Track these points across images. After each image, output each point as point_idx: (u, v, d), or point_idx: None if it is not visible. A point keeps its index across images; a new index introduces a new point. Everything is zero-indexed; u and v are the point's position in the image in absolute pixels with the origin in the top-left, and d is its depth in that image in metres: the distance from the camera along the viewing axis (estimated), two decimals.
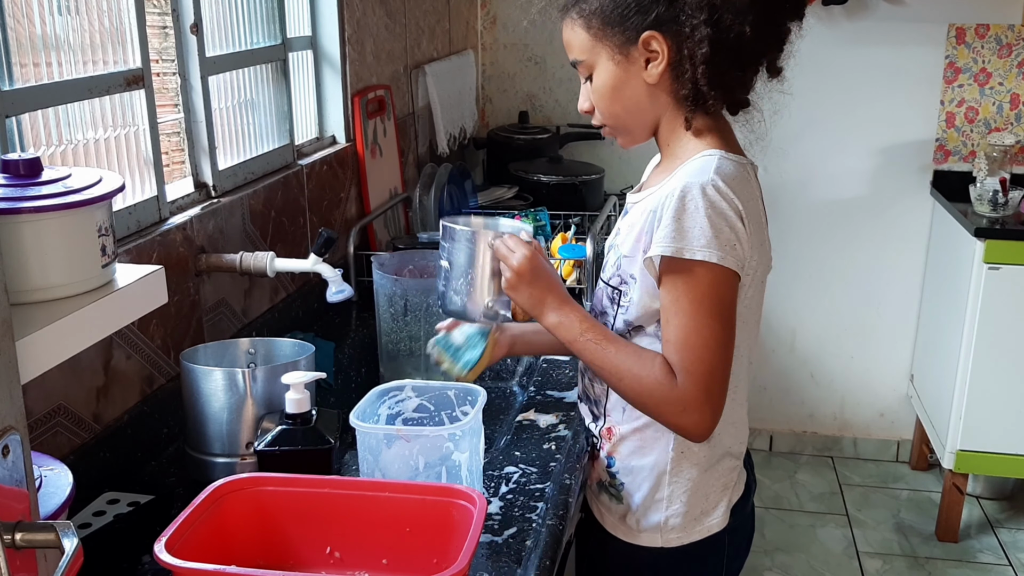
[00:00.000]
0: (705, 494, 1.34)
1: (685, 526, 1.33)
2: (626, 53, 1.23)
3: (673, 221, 1.17)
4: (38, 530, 0.71)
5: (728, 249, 1.17)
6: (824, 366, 3.50)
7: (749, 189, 1.23)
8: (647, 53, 1.22)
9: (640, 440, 1.33)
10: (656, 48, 1.22)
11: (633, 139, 1.33)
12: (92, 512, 1.26)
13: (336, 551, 1.10)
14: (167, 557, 0.94)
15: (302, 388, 1.24)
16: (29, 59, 1.27)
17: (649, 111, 1.28)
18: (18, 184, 0.92)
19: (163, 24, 1.59)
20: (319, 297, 1.75)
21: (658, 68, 1.23)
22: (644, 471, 1.33)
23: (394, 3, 2.45)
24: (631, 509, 1.35)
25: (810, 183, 3.30)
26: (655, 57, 1.22)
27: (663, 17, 1.20)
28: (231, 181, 1.73)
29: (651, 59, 1.23)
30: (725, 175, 1.20)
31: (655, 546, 1.34)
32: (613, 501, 1.37)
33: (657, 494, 1.33)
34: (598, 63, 1.26)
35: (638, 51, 1.23)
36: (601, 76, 1.26)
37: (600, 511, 1.39)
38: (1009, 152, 3.02)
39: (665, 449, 1.31)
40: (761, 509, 3.17)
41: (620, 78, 1.25)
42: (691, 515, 1.33)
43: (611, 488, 1.37)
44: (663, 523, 1.33)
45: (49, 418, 1.24)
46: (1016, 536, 3.05)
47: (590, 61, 1.26)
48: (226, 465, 1.32)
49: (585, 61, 1.27)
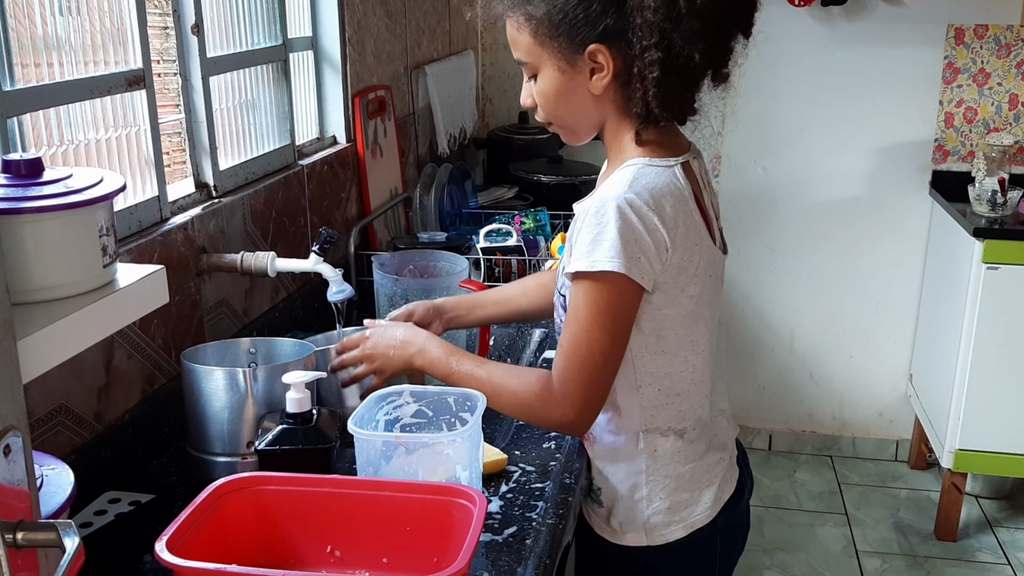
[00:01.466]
0: (688, 489, 1.34)
1: (669, 522, 1.33)
2: (572, 62, 1.24)
3: (588, 234, 1.20)
4: (39, 529, 0.71)
5: (634, 262, 1.18)
6: (823, 365, 3.50)
7: (670, 195, 1.22)
8: (592, 64, 1.23)
9: (613, 443, 1.34)
10: (602, 61, 1.22)
11: (577, 138, 1.35)
12: (93, 511, 1.26)
13: (336, 550, 1.10)
14: (168, 556, 0.95)
15: (303, 388, 1.24)
16: (30, 59, 1.27)
17: (593, 115, 1.29)
18: (19, 184, 0.92)
19: (164, 25, 1.59)
20: (320, 297, 1.75)
21: (603, 80, 1.23)
22: (620, 474, 1.34)
23: (394, 4, 2.45)
24: (612, 512, 1.35)
25: (809, 183, 3.30)
26: (600, 69, 1.23)
27: (611, 30, 1.20)
28: (232, 181, 1.74)
29: (596, 70, 1.23)
30: (643, 187, 1.20)
31: (641, 545, 1.34)
32: (595, 504, 1.38)
33: (636, 494, 1.33)
34: (542, 67, 1.26)
35: (583, 61, 1.23)
36: (545, 81, 1.27)
37: (588, 514, 1.40)
38: (1008, 152, 3.02)
39: (637, 450, 1.32)
40: (760, 508, 3.17)
41: (565, 85, 1.26)
42: (674, 510, 1.33)
43: (592, 493, 1.38)
44: (646, 521, 1.33)
45: (50, 417, 1.25)
46: (1015, 535, 3.06)
47: (535, 64, 1.27)
48: (227, 464, 1.32)
49: (530, 63, 1.28)
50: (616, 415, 1.33)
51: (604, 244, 1.18)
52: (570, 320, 1.23)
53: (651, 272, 1.21)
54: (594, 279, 1.20)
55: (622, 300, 1.21)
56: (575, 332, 1.22)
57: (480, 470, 1.26)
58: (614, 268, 1.18)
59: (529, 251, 2.16)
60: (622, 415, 1.32)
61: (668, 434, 1.32)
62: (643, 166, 1.24)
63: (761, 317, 3.49)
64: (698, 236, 1.26)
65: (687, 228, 1.24)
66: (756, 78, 3.23)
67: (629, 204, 1.19)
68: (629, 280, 1.19)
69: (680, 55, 1.18)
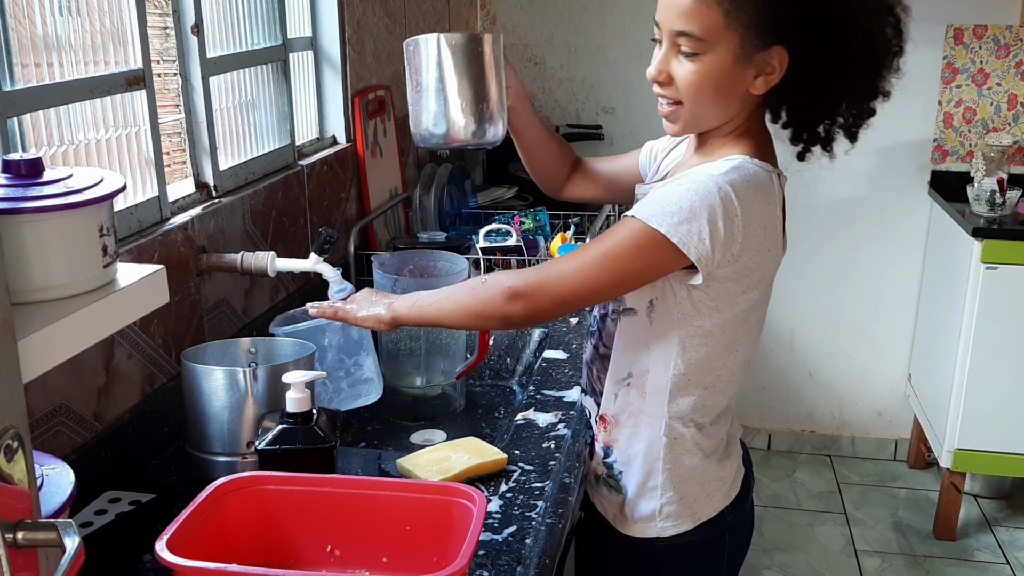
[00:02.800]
0: (700, 483, 1.35)
1: (680, 514, 1.34)
2: (749, 56, 1.18)
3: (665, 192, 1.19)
4: (40, 529, 0.71)
5: (687, 234, 1.16)
6: (822, 365, 3.50)
7: (764, 195, 1.22)
8: (765, 64, 1.19)
9: (633, 427, 1.34)
10: (775, 64, 1.19)
11: (688, 130, 1.29)
12: (93, 511, 1.26)
13: (336, 549, 1.11)
14: (168, 556, 0.95)
15: (303, 387, 1.25)
16: (30, 59, 1.27)
17: (728, 113, 1.24)
18: (20, 184, 0.92)
19: (164, 25, 1.59)
20: (320, 297, 1.75)
21: (768, 85, 1.20)
22: (638, 458, 1.35)
23: (394, 3, 2.45)
24: (627, 498, 1.36)
25: (808, 183, 3.30)
26: (771, 72, 1.19)
27: (798, 37, 1.17)
28: (232, 181, 1.74)
29: (766, 72, 1.19)
30: (738, 177, 1.19)
31: (650, 536, 1.34)
32: (612, 492, 1.38)
33: (650, 482, 1.34)
34: (715, 50, 1.17)
35: (759, 59, 1.18)
36: (711, 65, 1.18)
37: (602, 504, 1.40)
38: (1007, 152, 3.02)
39: (658, 435, 1.33)
40: (760, 508, 3.17)
41: (730, 76, 1.19)
42: (685, 503, 1.34)
43: (609, 480, 1.38)
44: (657, 511, 1.34)
45: (50, 417, 1.25)
46: (1014, 535, 3.06)
47: (708, 43, 1.17)
48: (227, 464, 1.32)
49: (704, 41, 1.17)
50: (641, 397, 1.33)
51: (674, 208, 1.16)
52: (601, 240, 1.20)
53: (708, 256, 1.17)
54: (648, 231, 1.17)
55: (650, 262, 1.19)
56: (595, 250, 1.20)
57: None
58: (665, 233, 1.16)
59: (529, 251, 2.16)
60: (648, 399, 1.32)
61: (689, 425, 1.33)
62: (745, 161, 1.22)
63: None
64: (774, 243, 1.25)
65: (766, 231, 1.23)
66: None
67: (719, 186, 1.17)
68: (676, 251, 1.16)
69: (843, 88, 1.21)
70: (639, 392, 1.33)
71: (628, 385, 1.34)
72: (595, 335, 1.41)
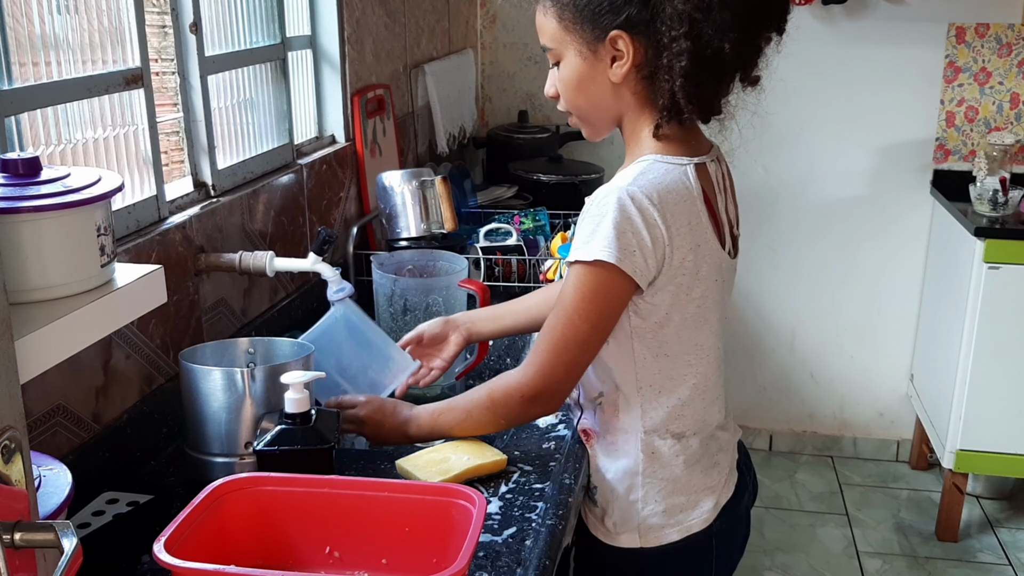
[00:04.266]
0: (685, 493, 1.33)
1: (664, 525, 1.32)
2: (594, 49, 1.24)
3: (587, 226, 1.21)
4: (37, 530, 0.71)
5: (627, 255, 1.18)
6: (824, 366, 3.50)
7: (677, 192, 1.22)
8: (613, 52, 1.23)
9: (611, 443, 1.34)
10: (622, 48, 1.22)
11: (596, 132, 1.34)
12: (91, 512, 1.25)
13: (335, 551, 1.10)
14: (166, 557, 0.94)
15: (301, 388, 1.24)
16: (28, 58, 1.26)
17: (612, 107, 1.28)
18: (17, 184, 0.92)
19: (162, 23, 1.58)
20: (319, 297, 1.74)
21: (622, 68, 1.23)
22: (617, 473, 1.33)
23: (394, 2, 2.45)
24: (607, 512, 1.35)
25: (810, 183, 3.30)
26: (620, 57, 1.23)
27: (635, 19, 1.20)
28: (230, 180, 1.73)
29: (617, 58, 1.23)
30: (645, 182, 1.20)
31: (634, 547, 1.33)
32: (591, 504, 1.37)
33: (631, 495, 1.32)
34: (566, 54, 1.27)
35: (605, 48, 1.23)
36: (567, 67, 1.27)
37: (585, 514, 1.39)
38: (1009, 151, 3.02)
39: (635, 451, 1.32)
40: (761, 509, 3.17)
41: (586, 73, 1.26)
42: (669, 513, 1.32)
43: (589, 492, 1.37)
44: (641, 523, 1.32)
45: (48, 418, 1.24)
46: (1016, 536, 3.05)
47: (558, 51, 1.27)
48: (225, 465, 1.31)
49: (554, 50, 1.28)
50: (615, 415, 1.32)
51: (600, 234, 1.19)
52: (557, 303, 1.25)
53: (645, 268, 1.20)
54: (587, 268, 1.21)
55: (609, 292, 1.22)
56: (557, 314, 1.24)
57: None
58: (606, 258, 1.18)
59: (529, 251, 2.16)
60: (620, 415, 1.32)
61: (666, 437, 1.31)
62: (653, 162, 1.24)
63: (761, 317, 3.48)
64: (703, 238, 1.25)
65: (691, 228, 1.23)
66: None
67: (631, 196, 1.19)
68: (621, 272, 1.19)
69: (709, 46, 1.17)
70: (612, 409, 1.33)
71: (600, 404, 1.35)
72: None
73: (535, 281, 2.10)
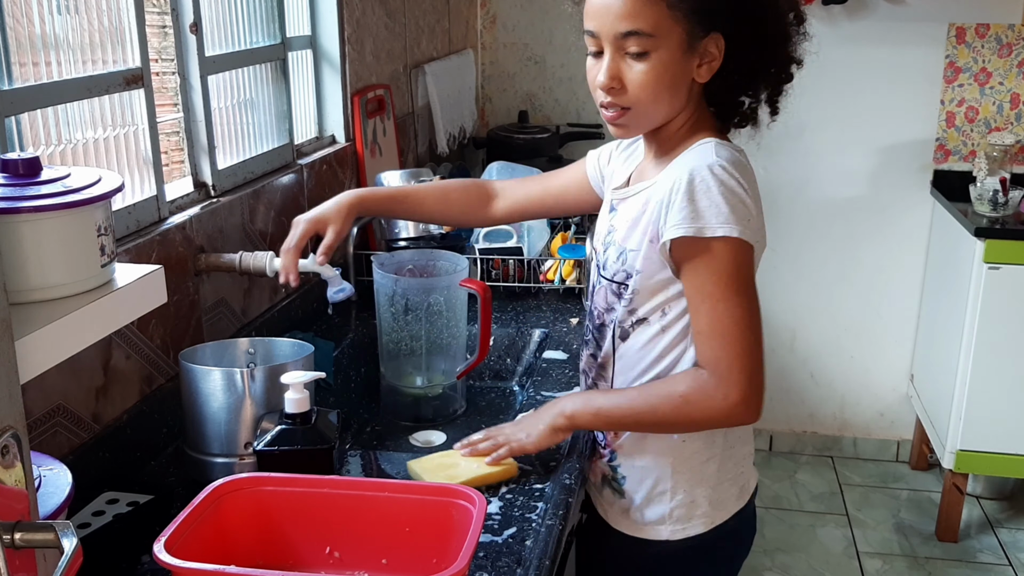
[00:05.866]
0: (713, 485, 1.34)
1: (691, 516, 1.33)
2: (694, 46, 1.20)
3: (687, 204, 1.17)
4: (37, 530, 0.71)
5: (745, 223, 1.17)
6: (824, 366, 3.50)
7: (749, 172, 1.25)
8: (705, 51, 1.21)
9: (642, 435, 1.33)
10: (714, 51, 1.22)
11: (639, 130, 1.30)
12: (91, 512, 1.25)
13: (336, 551, 1.10)
14: (166, 557, 0.94)
15: (301, 388, 1.24)
16: (28, 58, 1.26)
17: (677, 107, 1.26)
18: (17, 184, 0.91)
19: (162, 23, 1.58)
20: (319, 297, 1.75)
21: (711, 71, 1.23)
22: (647, 465, 1.34)
23: (394, 2, 2.45)
24: (634, 503, 1.35)
25: (810, 182, 3.30)
26: (712, 59, 1.22)
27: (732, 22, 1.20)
28: (230, 180, 1.73)
29: (707, 58, 1.22)
30: (726, 155, 1.22)
31: (660, 539, 1.34)
32: (616, 496, 1.37)
33: (660, 487, 1.33)
34: (662, 45, 1.18)
35: (701, 47, 1.21)
36: (663, 60, 1.19)
37: (603, 507, 1.39)
38: (1009, 152, 3.02)
39: (668, 441, 1.32)
40: (761, 509, 3.15)
41: (680, 69, 1.21)
42: (697, 505, 1.33)
43: (613, 482, 1.37)
44: (667, 515, 1.33)
45: (48, 418, 1.24)
46: (1016, 536, 3.05)
47: (658, 40, 1.18)
48: (225, 465, 1.31)
49: (652, 37, 1.18)
50: None
51: (711, 211, 1.16)
52: (699, 301, 1.20)
53: (756, 232, 1.20)
54: (709, 251, 1.17)
55: (743, 264, 1.19)
56: (711, 311, 1.19)
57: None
58: (727, 233, 1.16)
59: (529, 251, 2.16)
60: None
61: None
62: (717, 143, 1.25)
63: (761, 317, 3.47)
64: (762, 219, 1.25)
65: (757, 202, 1.24)
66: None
67: (724, 169, 1.19)
68: (743, 243, 1.17)
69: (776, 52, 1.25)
70: None
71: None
72: (591, 344, 1.40)
73: (535, 281, 2.10)
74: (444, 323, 1.63)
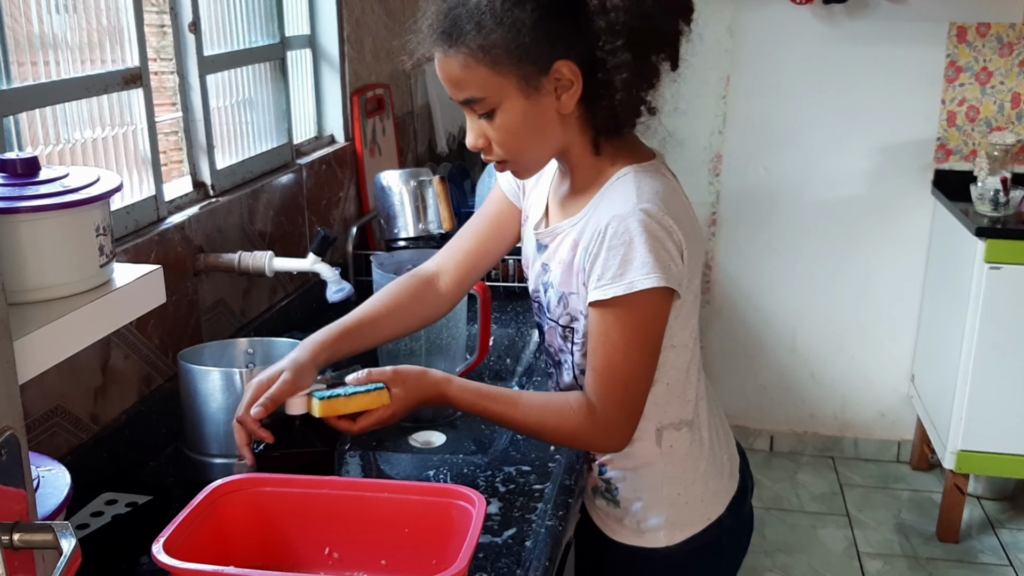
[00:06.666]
0: (703, 481, 1.34)
1: (688, 517, 1.34)
2: (536, 85, 1.15)
3: (610, 259, 1.16)
4: (36, 531, 0.71)
5: (666, 270, 1.15)
6: (825, 366, 3.49)
7: (670, 193, 1.21)
8: (556, 82, 1.15)
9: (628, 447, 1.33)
10: (567, 75, 1.15)
11: (535, 170, 1.27)
12: (90, 512, 1.25)
13: (335, 552, 1.10)
14: (165, 558, 0.94)
15: None
16: (27, 58, 1.26)
17: (559, 140, 1.22)
18: (16, 183, 0.91)
19: (161, 23, 1.58)
20: (318, 297, 1.74)
21: (573, 97, 1.16)
22: (637, 475, 1.33)
23: (393, 2, 2.44)
24: (629, 512, 1.34)
25: (810, 182, 3.30)
26: (568, 86, 1.16)
27: (574, 44, 1.14)
28: (229, 180, 1.73)
29: (562, 88, 1.16)
30: (650, 193, 1.18)
31: (659, 546, 1.33)
32: (611, 506, 1.37)
33: (654, 494, 1.33)
34: (504, 99, 1.16)
35: (549, 82, 1.15)
36: (510, 113, 1.17)
37: (599, 516, 1.39)
38: (1010, 151, 3.02)
39: (653, 448, 1.32)
40: (761, 509, 3.17)
41: (532, 112, 1.17)
42: (692, 505, 1.34)
43: (607, 493, 1.37)
44: (664, 521, 1.33)
45: (47, 418, 1.24)
46: (1017, 536, 3.05)
47: (493, 99, 1.16)
48: (224, 466, 1.31)
49: (487, 99, 1.16)
50: None
51: (636, 262, 1.15)
52: (602, 343, 1.19)
53: (679, 275, 1.19)
54: (629, 300, 1.16)
55: (657, 314, 1.19)
56: (610, 355, 1.19)
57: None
58: (653, 284, 1.14)
59: None
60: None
61: (681, 427, 1.32)
62: (635, 174, 1.20)
63: (762, 317, 3.48)
64: (696, 229, 1.25)
65: (691, 224, 1.23)
66: (756, 77, 3.23)
67: (647, 214, 1.15)
68: (667, 291, 1.17)
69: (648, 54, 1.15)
70: None
71: None
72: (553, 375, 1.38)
73: None
74: (444, 323, 1.62)
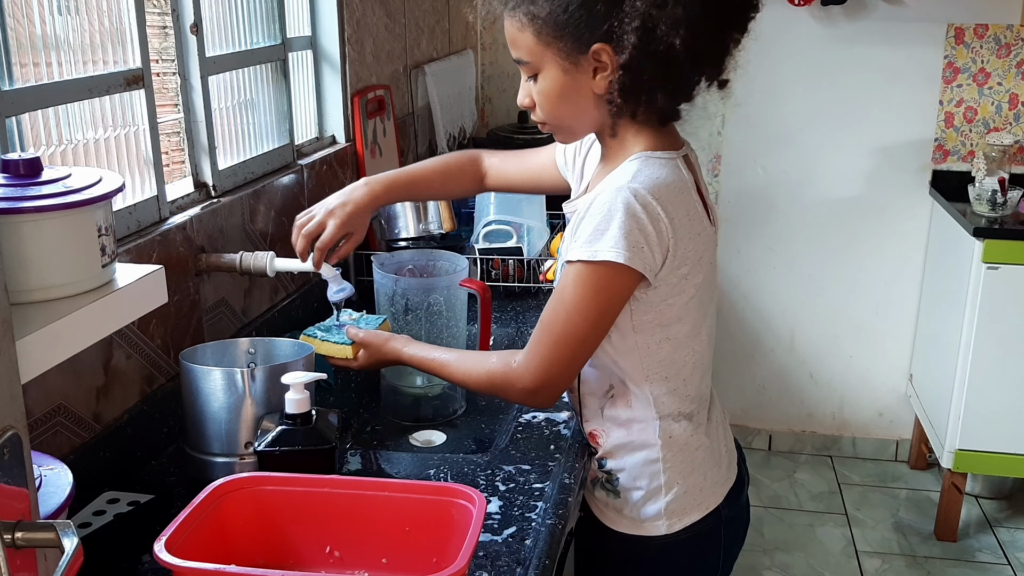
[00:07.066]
0: (701, 471, 1.36)
1: (686, 507, 1.35)
2: (575, 62, 1.23)
3: (589, 226, 1.21)
4: (38, 529, 0.71)
5: (635, 251, 1.19)
6: (823, 365, 3.50)
7: (674, 184, 1.24)
8: (596, 63, 1.22)
9: (626, 435, 1.35)
10: (605, 60, 1.21)
11: (574, 137, 1.38)
12: (92, 511, 1.26)
13: (336, 550, 1.10)
14: (167, 556, 0.94)
15: (302, 388, 1.24)
16: (29, 59, 1.27)
17: (593, 115, 1.28)
18: (18, 184, 0.92)
19: (163, 24, 1.59)
20: (319, 297, 1.75)
21: (607, 79, 1.23)
22: (637, 465, 1.35)
23: (394, 3, 2.45)
24: (630, 502, 1.36)
25: (809, 183, 3.30)
26: (604, 68, 1.22)
27: (613, 30, 1.19)
28: (231, 181, 1.73)
29: (600, 69, 1.23)
30: (645, 178, 1.22)
31: (659, 534, 1.35)
32: (610, 496, 1.38)
33: (654, 483, 1.34)
34: (545, 67, 1.25)
35: (587, 61, 1.22)
36: (548, 81, 1.26)
37: (598, 507, 1.40)
38: (1008, 152, 3.02)
39: (653, 438, 1.33)
40: (760, 508, 3.17)
41: (568, 85, 1.25)
42: (690, 494, 1.35)
43: (607, 484, 1.38)
44: (664, 509, 1.34)
45: (49, 417, 1.24)
46: (1015, 535, 3.06)
47: (536, 64, 1.26)
48: (225, 465, 1.32)
49: (531, 63, 1.26)
50: (627, 407, 1.34)
51: (607, 234, 1.19)
52: (555, 298, 1.25)
53: (652, 262, 1.21)
54: (590, 267, 1.21)
55: (613, 290, 1.22)
56: (556, 310, 1.25)
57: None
58: (614, 258, 1.19)
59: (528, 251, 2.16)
60: (633, 406, 1.34)
61: (680, 419, 1.34)
62: (646, 158, 1.25)
63: (761, 317, 3.48)
64: (701, 226, 1.28)
65: (690, 218, 1.25)
66: (756, 78, 3.21)
67: (634, 194, 1.20)
68: (628, 270, 1.20)
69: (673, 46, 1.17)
70: (624, 402, 1.34)
71: (612, 397, 1.35)
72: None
73: (535, 281, 2.11)
74: (444, 323, 1.63)
